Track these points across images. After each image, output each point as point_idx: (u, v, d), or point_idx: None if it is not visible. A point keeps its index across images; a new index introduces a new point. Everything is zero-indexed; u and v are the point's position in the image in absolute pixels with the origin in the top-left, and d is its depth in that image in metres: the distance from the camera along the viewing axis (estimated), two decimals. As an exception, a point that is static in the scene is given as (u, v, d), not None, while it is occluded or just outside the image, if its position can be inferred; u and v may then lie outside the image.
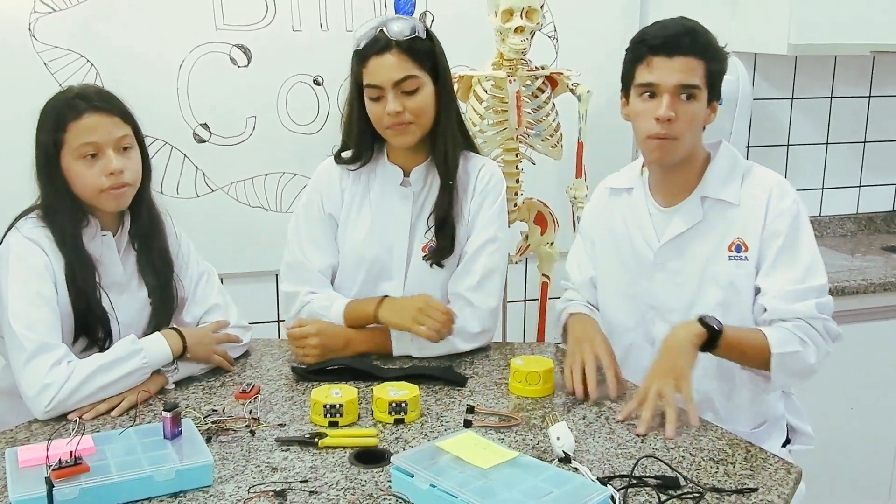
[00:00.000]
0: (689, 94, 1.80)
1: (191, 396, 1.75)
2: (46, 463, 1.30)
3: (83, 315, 1.79)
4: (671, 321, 1.88)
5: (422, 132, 1.94)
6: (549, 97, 2.53)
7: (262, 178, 2.80)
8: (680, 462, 1.49)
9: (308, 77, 2.76)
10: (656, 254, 1.92)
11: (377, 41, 1.88)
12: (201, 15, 2.64)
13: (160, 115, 2.65)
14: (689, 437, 1.59)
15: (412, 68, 1.88)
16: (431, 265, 2.00)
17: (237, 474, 1.43)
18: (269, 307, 2.86)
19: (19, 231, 1.79)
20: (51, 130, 1.77)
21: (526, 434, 1.59)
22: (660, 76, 1.80)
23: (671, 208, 1.92)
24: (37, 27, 2.52)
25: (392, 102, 1.87)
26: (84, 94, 1.80)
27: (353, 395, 1.65)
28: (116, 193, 1.79)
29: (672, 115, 1.79)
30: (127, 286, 1.89)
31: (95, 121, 1.76)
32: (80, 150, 1.76)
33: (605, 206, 2.06)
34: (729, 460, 1.51)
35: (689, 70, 1.79)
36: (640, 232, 1.95)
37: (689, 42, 1.80)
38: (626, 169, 2.08)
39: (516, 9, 2.37)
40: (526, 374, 1.77)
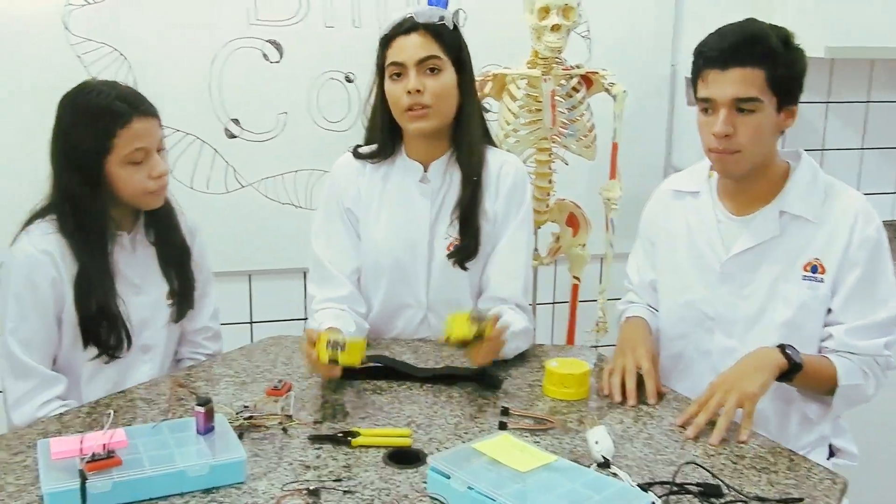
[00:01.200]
0: (747, 108, 1.73)
1: (222, 392, 1.74)
2: (80, 455, 1.28)
3: (94, 323, 1.79)
4: (731, 334, 1.85)
5: (439, 120, 1.91)
6: (584, 97, 2.50)
7: (292, 174, 2.79)
8: (721, 470, 1.45)
9: (340, 74, 2.75)
10: (723, 264, 1.85)
11: (404, 23, 1.89)
12: (234, 10, 2.64)
13: (191, 110, 2.65)
14: (731, 444, 1.55)
15: (436, 50, 1.88)
16: (454, 264, 1.97)
17: (270, 471, 1.41)
18: (298, 304, 2.84)
19: (30, 238, 1.79)
20: (96, 136, 1.75)
21: (562, 437, 1.56)
22: (714, 91, 1.75)
23: (743, 218, 1.85)
24: (70, 20, 2.52)
25: (413, 80, 1.86)
26: (124, 96, 1.78)
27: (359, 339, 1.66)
28: (159, 195, 1.83)
29: (729, 130, 1.74)
30: (142, 286, 1.89)
31: (144, 126, 1.77)
32: (130, 156, 1.76)
33: (667, 207, 2.00)
34: (772, 469, 1.47)
35: (746, 82, 1.71)
36: (705, 239, 1.89)
37: (745, 52, 1.72)
38: (692, 171, 2.01)
39: (553, 6, 2.34)
40: (561, 377, 1.74)
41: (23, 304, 1.77)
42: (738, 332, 1.84)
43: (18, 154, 2.52)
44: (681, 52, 3.07)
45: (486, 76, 2.50)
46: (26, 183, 2.45)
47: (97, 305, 1.78)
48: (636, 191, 2.98)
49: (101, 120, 1.75)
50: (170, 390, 1.72)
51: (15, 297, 1.77)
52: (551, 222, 2.69)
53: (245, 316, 2.85)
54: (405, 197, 1.99)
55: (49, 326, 1.79)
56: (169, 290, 1.93)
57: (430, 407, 1.68)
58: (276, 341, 2.04)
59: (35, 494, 1.33)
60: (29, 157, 2.47)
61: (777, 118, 1.77)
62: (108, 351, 1.81)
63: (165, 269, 1.92)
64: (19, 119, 2.52)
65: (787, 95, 1.76)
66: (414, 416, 1.64)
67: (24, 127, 2.51)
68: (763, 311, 1.83)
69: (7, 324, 1.77)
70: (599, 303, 2.66)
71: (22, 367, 1.77)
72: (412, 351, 1.96)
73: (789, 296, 1.81)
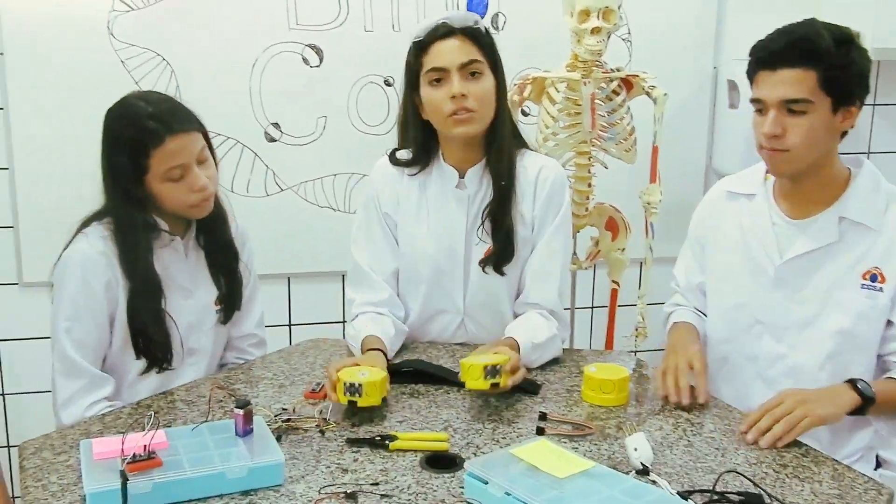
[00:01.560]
0: (798, 108, 1.71)
1: (261, 395, 1.75)
2: (121, 456, 1.30)
3: (145, 338, 1.82)
4: (781, 339, 1.83)
5: (483, 124, 1.90)
6: (625, 100, 2.48)
7: (331, 178, 2.80)
8: (763, 478, 1.43)
9: (379, 78, 2.76)
10: (778, 269, 1.83)
11: (439, 28, 1.87)
12: (275, 15, 2.66)
13: (232, 114, 2.67)
14: (772, 453, 1.53)
15: (476, 54, 1.87)
16: (484, 269, 1.96)
17: (308, 474, 1.42)
18: (337, 307, 2.86)
19: (87, 239, 1.81)
20: (131, 156, 1.75)
21: (600, 443, 1.55)
22: (764, 92, 1.74)
23: (800, 221, 1.82)
24: (115, 26, 2.56)
25: (457, 84, 1.84)
26: (158, 114, 1.76)
27: (378, 378, 1.62)
28: (204, 206, 1.83)
29: (777, 131, 1.72)
30: (192, 290, 1.90)
31: (178, 144, 1.76)
32: (167, 174, 1.76)
33: (720, 209, 1.98)
34: (815, 478, 1.44)
35: (795, 83, 1.70)
36: (759, 242, 1.87)
37: (794, 53, 1.70)
38: (748, 173, 1.98)
39: (593, 9, 2.32)
40: (600, 383, 1.72)
41: (77, 305, 1.79)
42: (788, 338, 1.82)
43: (65, 158, 2.57)
44: (722, 54, 3.04)
45: (526, 80, 2.49)
46: (74, 185, 2.52)
47: (147, 322, 1.81)
48: (676, 195, 2.97)
49: (135, 140, 1.75)
50: (210, 392, 1.73)
51: (70, 298, 1.79)
52: (590, 226, 2.67)
53: (284, 318, 2.87)
54: (442, 203, 1.99)
55: (101, 327, 1.81)
56: (218, 295, 1.94)
57: (467, 411, 1.67)
58: (314, 344, 2.06)
59: (77, 494, 1.35)
60: (75, 161, 2.54)
61: (832, 119, 1.73)
62: (158, 364, 1.84)
63: (214, 273, 1.94)
64: (66, 123, 2.56)
65: (844, 96, 1.72)
66: (451, 420, 1.63)
67: (71, 131, 2.56)
68: (816, 317, 1.80)
69: (61, 323, 1.79)
70: (639, 308, 2.63)
71: (74, 366, 1.79)
72: (449, 355, 1.96)
73: (846, 303, 1.77)
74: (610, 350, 2.68)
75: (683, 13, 2.97)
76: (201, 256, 1.93)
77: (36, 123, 2.55)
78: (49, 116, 2.55)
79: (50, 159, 2.57)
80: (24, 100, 2.53)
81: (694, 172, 3.11)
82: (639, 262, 2.71)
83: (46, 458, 1.47)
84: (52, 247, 1.86)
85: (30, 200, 2.59)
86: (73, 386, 1.79)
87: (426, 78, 1.88)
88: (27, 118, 2.54)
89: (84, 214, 1.86)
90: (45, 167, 2.57)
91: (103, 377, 1.82)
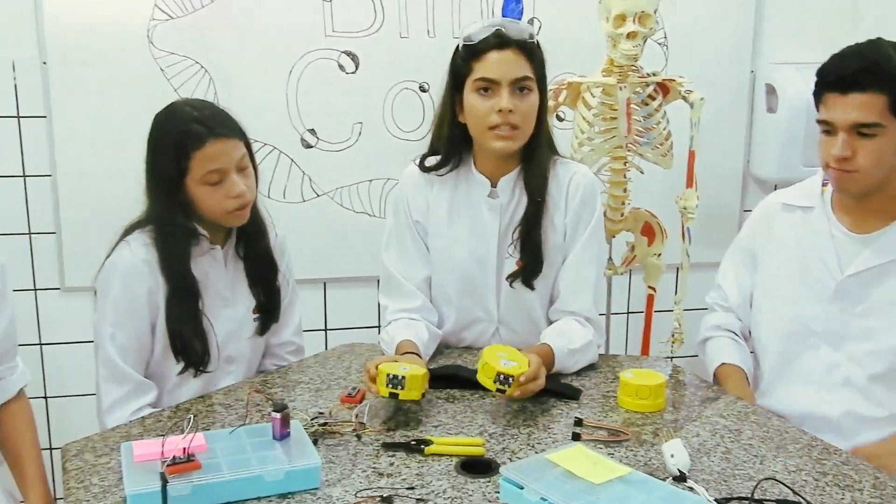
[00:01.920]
0: (868, 132, 1.70)
1: (297, 398, 1.76)
2: (161, 458, 1.32)
3: (183, 340, 1.84)
4: (838, 348, 1.82)
5: (523, 140, 1.89)
6: (661, 104, 2.47)
7: (366, 183, 2.82)
8: (802, 486, 1.41)
9: (414, 84, 2.77)
10: (840, 283, 1.82)
11: (496, 37, 1.83)
12: (312, 22, 2.68)
13: (269, 121, 2.70)
14: (812, 460, 1.51)
15: (528, 70, 1.85)
16: (511, 284, 1.95)
17: (344, 478, 1.43)
18: (372, 312, 2.87)
19: (130, 247, 1.83)
20: (173, 158, 1.79)
21: (637, 450, 1.54)
22: (833, 115, 1.73)
23: (863, 236, 1.82)
24: (154, 34, 2.59)
25: (506, 99, 1.82)
26: (202, 119, 1.80)
27: (420, 373, 1.62)
28: (240, 213, 1.84)
29: (847, 154, 1.72)
30: (231, 299, 1.92)
31: (219, 148, 1.79)
32: (206, 177, 1.79)
33: (774, 220, 1.97)
34: (856, 487, 1.42)
35: (866, 107, 1.69)
36: (818, 256, 1.86)
37: (865, 78, 1.69)
38: (804, 185, 1.97)
39: (629, 14, 2.31)
40: (636, 388, 1.72)
41: (120, 311, 1.81)
42: (845, 348, 1.81)
43: (106, 164, 2.61)
44: (760, 58, 3.01)
45: (561, 85, 2.49)
46: (114, 192, 2.56)
47: (185, 323, 1.83)
48: (713, 200, 2.95)
49: (178, 142, 1.79)
50: (247, 396, 1.75)
51: (113, 304, 1.82)
52: (626, 231, 2.65)
53: (320, 323, 2.89)
54: (473, 211, 1.97)
55: (144, 334, 1.84)
56: (256, 305, 1.96)
57: (502, 416, 1.67)
58: (350, 349, 2.07)
59: (118, 496, 1.37)
60: (116, 168, 2.58)
61: None
62: (195, 365, 1.86)
63: (253, 283, 1.96)
64: (107, 131, 2.60)
65: None
66: (487, 425, 1.63)
67: (112, 138, 2.60)
68: (877, 331, 1.79)
69: (105, 329, 1.82)
70: (675, 313, 2.61)
71: (119, 372, 1.81)
72: (485, 360, 1.96)
73: None
74: (646, 356, 2.66)
75: (720, 17, 2.95)
76: (240, 267, 1.95)
77: (78, 131, 2.59)
78: (90, 124, 2.59)
79: (91, 166, 2.61)
80: (66, 108, 2.58)
81: (731, 177, 3.08)
82: (675, 268, 2.69)
83: (88, 459, 1.50)
84: (94, 252, 1.89)
85: (72, 207, 2.63)
86: (118, 392, 1.82)
87: (474, 85, 1.85)
88: (69, 126, 2.59)
89: (125, 220, 1.89)
90: (86, 174, 2.61)
91: (147, 384, 1.85)
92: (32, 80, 2.56)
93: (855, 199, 1.82)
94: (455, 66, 1.90)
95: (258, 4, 2.64)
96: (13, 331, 1.81)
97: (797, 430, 1.64)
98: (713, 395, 1.80)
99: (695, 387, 1.85)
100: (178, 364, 1.86)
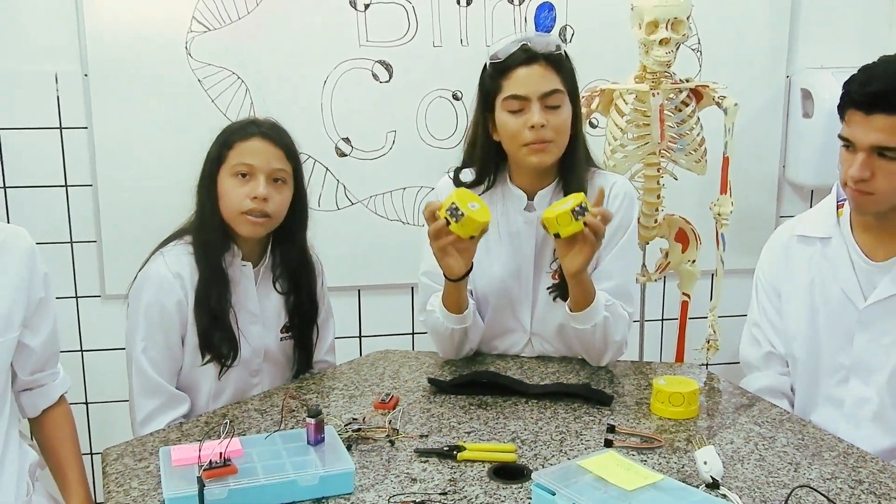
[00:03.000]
0: (890, 155, 1.66)
1: (332, 404, 1.78)
2: (198, 462, 1.34)
3: (210, 332, 1.86)
4: (868, 382, 1.79)
5: (558, 153, 1.89)
6: (694, 110, 2.46)
7: (400, 191, 2.84)
8: (838, 494, 1.40)
9: (447, 92, 2.79)
10: (862, 312, 1.79)
11: (523, 52, 1.83)
12: (346, 32, 2.71)
13: (304, 130, 2.69)
14: (847, 468, 1.50)
15: (558, 83, 1.84)
16: (555, 299, 1.95)
17: (377, 483, 1.44)
18: (406, 319, 2.89)
19: (164, 258, 1.86)
20: (219, 146, 1.86)
21: (670, 456, 1.54)
22: (855, 133, 1.69)
23: (883, 263, 1.78)
24: (192, 46, 2.64)
25: (538, 114, 1.82)
26: (259, 121, 1.90)
27: (482, 218, 1.70)
28: (254, 220, 1.84)
29: (866, 175, 1.68)
30: (262, 319, 1.94)
31: (258, 146, 1.84)
32: (235, 167, 1.83)
33: (793, 253, 1.92)
34: (892, 495, 1.41)
35: (890, 130, 1.64)
36: (839, 286, 1.82)
37: (892, 100, 1.64)
38: (818, 213, 1.92)
39: (662, 20, 2.31)
40: (669, 395, 1.71)
41: (152, 324, 1.84)
42: (876, 382, 1.78)
43: (145, 174, 2.66)
44: (795, 62, 2.99)
45: (594, 91, 2.49)
46: (154, 201, 2.61)
47: (213, 313, 1.85)
48: (748, 206, 2.93)
49: (229, 134, 1.87)
50: (282, 402, 1.77)
51: (145, 317, 1.84)
52: (660, 238, 2.65)
53: (354, 330, 2.91)
54: (510, 225, 1.98)
55: (175, 346, 1.87)
56: (284, 325, 1.98)
57: (535, 423, 1.68)
58: (383, 355, 2.08)
59: (157, 499, 1.40)
60: (156, 177, 2.63)
61: None
62: (220, 359, 1.87)
63: (292, 319, 1.98)
64: (147, 141, 2.65)
65: None
66: (519, 431, 1.64)
67: (151, 148, 2.65)
68: None
69: (138, 342, 1.85)
70: (710, 320, 2.60)
71: (152, 384, 1.84)
72: (518, 366, 1.97)
73: None
74: (681, 363, 2.65)
75: (755, 22, 2.93)
76: (272, 293, 1.96)
77: (118, 141, 2.65)
78: (130, 135, 2.65)
79: (131, 176, 2.67)
80: (107, 119, 2.63)
81: (767, 182, 3.06)
82: (709, 274, 2.68)
83: (128, 464, 1.53)
84: (134, 260, 1.93)
85: (112, 216, 2.68)
86: (152, 404, 1.85)
87: (504, 104, 1.85)
88: (110, 136, 2.64)
89: (164, 228, 1.93)
90: (126, 183, 2.67)
91: (180, 395, 1.88)
92: (74, 92, 2.62)
93: (875, 220, 1.78)
94: (484, 85, 1.90)
95: (293, 15, 2.68)
96: (56, 338, 1.85)
97: (833, 437, 1.62)
98: (747, 402, 1.79)
99: (729, 394, 1.84)
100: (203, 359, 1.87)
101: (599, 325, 1.86)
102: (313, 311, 2.01)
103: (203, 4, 2.62)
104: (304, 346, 2.01)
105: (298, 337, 2.00)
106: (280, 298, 1.97)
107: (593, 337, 1.88)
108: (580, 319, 1.86)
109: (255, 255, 1.94)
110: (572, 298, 1.85)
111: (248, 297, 1.92)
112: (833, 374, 1.85)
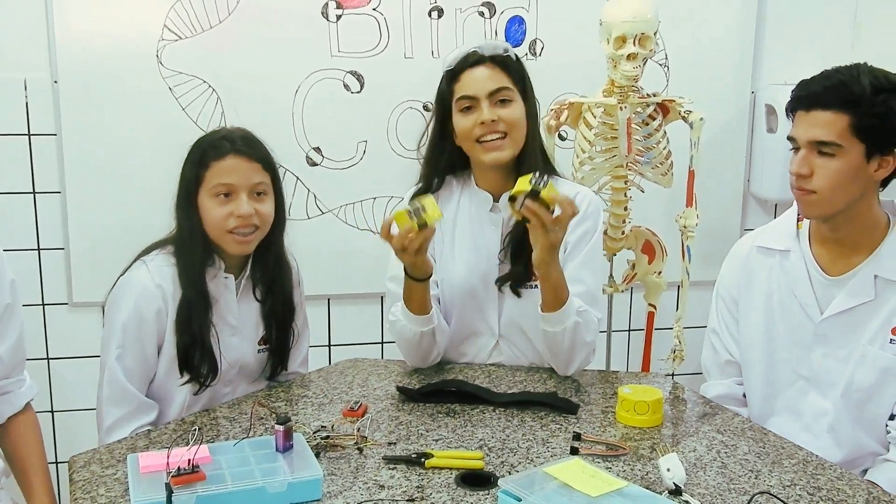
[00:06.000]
0: (826, 151, 1.70)
1: (300, 412, 1.79)
2: (167, 469, 1.34)
3: (188, 350, 1.85)
4: (827, 396, 1.82)
5: (514, 148, 1.94)
6: (661, 124, 2.50)
7: (370, 201, 2.85)
8: (797, 501, 1.43)
9: (418, 103, 2.81)
10: (818, 325, 1.82)
11: (469, 57, 1.93)
12: (317, 42, 2.73)
13: (275, 139, 2.63)
14: (806, 475, 1.53)
15: (506, 81, 1.92)
16: (500, 288, 1.98)
17: (345, 490, 1.45)
18: (375, 328, 2.90)
19: (147, 267, 1.85)
20: (194, 166, 1.84)
21: (634, 464, 1.56)
22: (797, 131, 1.75)
23: (838, 278, 1.80)
24: (163, 54, 2.64)
25: (487, 111, 1.90)
26: (230, 136, 1.87)
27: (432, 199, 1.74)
28: (241, 238, 1.84)
29: (804, 171, 1.73)
30: (240, 330, 1.94)
31: (235, 163, 1.83)
32: (215, 188, 1.82)
33: (752, 265, 1.95)
34: (849, 501, 1.44)
35: (826, 125, 1.69)
36: (797, 300, 1.85)
37: (828, 96, 1.69)
38: (778, 225, 1.95)
39: (629, 35, 2.36)
40: (634, 404, 1.74)
41: (128, 331, 1.83)
42: (831, 395, 1.81)
43: (114, 182, 2.65)
44: (760, 79, 3.05)
45: (563, 105, 2.53)
46: (122, 209, 2.60)
47: (194, 334, 1.84)
48: (714, 218, 2.97)
49: (203, 152, 1.85)
50: (251, 410, 1.77)
51: (122, 325, 1.83)
52: (627, 249, 2.68)
53: (324, 339, 2.92)
54: (476, 226, 2.02)
55: (150, 355, 1.85)
56: (262, 337, 1.98)
57: (502, 430, 1.70)
58: (353, 364, 2.10)
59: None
60: (124, 185, 2.62)
61: (864, 166, 1.71)
62: (199, 379, 1.87)
63: (267, 325, 1.97)
64: (116, 148, 2.64)
65: (879, 144, 1.70)
66: (486, 439, 1.66)
67: (120, 156, 2.64)
68: (855, 373, 1.79)
69: (113, 349, 1.83)
70: (675, 331, 2.64)
71: (122, 392, 1.83)
72: (486, 375, 1.99)
73: (875, 358, 1.77)
74: (646, 373, 2.69)
75: (721, 39, 2.99)
76: (252, 302, 1.96)
77: (87, 149, 2.63)
78: (100, 142, 2.64)
79: (99, 183, 2.65)
80: (76, 126, 2.62)
81: (732, 196, 3.11)
82: (675, 286, 2.72)
83: (95, 471, 1.52)
84: (101, 268, 1.92)
85: (80, 223, 2.67)
86: (119, 412, 1.83)
87: (457, 105, 1.95)
88: (79, 144, 2.63)
89: (133, 236, 1.93)
90: (95, 191, 2.65)
91: (149, 403, 1.87)
92: (43, 98, 2.61)
93: (826, 227, 1.80)
94: (440, 94, 1.99)
95: (265, 25, 2.69)
96: (22, 345, 1.84)
97: (793, 445, 1.66)
98: (710, 411, 1.82)
99: (693, 403, 1.87)
100: (181, 378, 1.86)
101: (569, 330, 1.88)
102: (288, 314, 2.00)
103: (175, 13, 2.62)
104: (280, 351, 2.00)
105: (275, 341, 1.98)
106: (258, 307, 1.97)
107: (562, 341, 1.90)
108: (551, 321, 1.88)
109: (237, 267, 1.94)
110: (542, 297, 1.88)
111: (229, 310, 1.92)
112: (791, 385, 1.88)
